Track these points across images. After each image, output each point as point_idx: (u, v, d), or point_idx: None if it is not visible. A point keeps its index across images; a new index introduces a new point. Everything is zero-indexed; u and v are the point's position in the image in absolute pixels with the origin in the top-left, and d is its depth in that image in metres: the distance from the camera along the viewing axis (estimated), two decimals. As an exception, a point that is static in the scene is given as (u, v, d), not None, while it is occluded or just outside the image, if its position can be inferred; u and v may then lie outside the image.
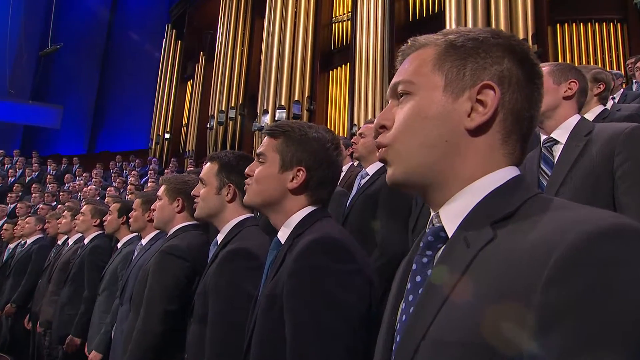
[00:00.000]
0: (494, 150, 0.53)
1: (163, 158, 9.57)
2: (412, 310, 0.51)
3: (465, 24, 5.37)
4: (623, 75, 4.36)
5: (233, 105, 8.31)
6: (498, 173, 0.52)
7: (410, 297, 0.53)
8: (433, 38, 0.57)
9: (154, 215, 1.72)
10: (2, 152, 9.84)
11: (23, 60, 12.28)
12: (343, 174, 2.81)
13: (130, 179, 7.10)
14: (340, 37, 7.36)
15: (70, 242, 3.16)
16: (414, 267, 0.55)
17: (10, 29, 11.75)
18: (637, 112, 2.20)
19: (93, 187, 6.53)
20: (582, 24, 5.37)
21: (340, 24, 7.39)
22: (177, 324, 1.38)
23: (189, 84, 10.03)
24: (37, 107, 12.34)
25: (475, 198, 0.52)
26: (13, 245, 4.17)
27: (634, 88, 4.11)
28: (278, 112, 7.30)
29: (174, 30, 10.32)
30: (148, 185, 5.93)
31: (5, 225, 4.40)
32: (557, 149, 1.36)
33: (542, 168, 1.37)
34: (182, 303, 1.41)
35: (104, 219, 2.59)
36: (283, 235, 0.96)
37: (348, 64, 6.92)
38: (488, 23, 5.32)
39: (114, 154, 10.05)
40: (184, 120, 9.85)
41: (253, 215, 1.35)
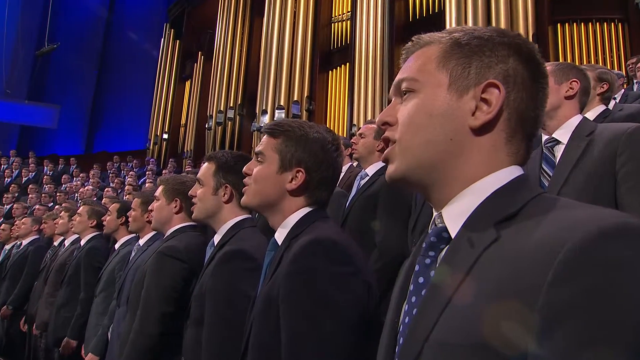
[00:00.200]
0: (498, 150, 0.53)
1: (161, 158, 9.55)
2: (415, 312, 0.50)
3: (466, 24, 5.36)
4: (624, 76, 4.35)
5: (232, 106, 8.30)
6: (502, 172, 0.52)
7: (413, 298, 0.53)
8: (438, 36, 0.57)
9: (152, 216, 1.70)
10: (-2, 152, 9.82)
11: (20, 60, 12.24)
12: (342, 175, 2.81)
13: (128, 180, 7.05)
14: (340, 36, 7.36)
15: (67, 243, 3.14)
16: (417, 268, 0.54)
17: (7, 28, 11.70)
18: (638, 111, 2.18)
19: (90, 187, 6.49)
20: (582, 24, 5.39)
21: (340, 24, 7.39)
22: (174, 326, 1.36)
23: (188, 84, 10.02)
24: (33, 107, 12.31)
25: (479, 198, 0.51)
26: (9, 247, 4.14)
27: (635, 88, 4.10)
28: (277, 112, 7.28)
29: (172, 30, 10.31)
30: (146, 186, 5.91)
31: (2, 226, 4.36)
32: (558, 149, 1.35)
33: (543, 168, 1.36)
34: (179, 305, 1.39)
35: (102, 220, 2.58)
36: (280, 236, 0.95)
37: (347, 64, 6.92)
38: (488, 23, 5.32)
39: (112, 155, 10.01)
40: (182, 121, 9.84)
41: (250, 216, 1.34)
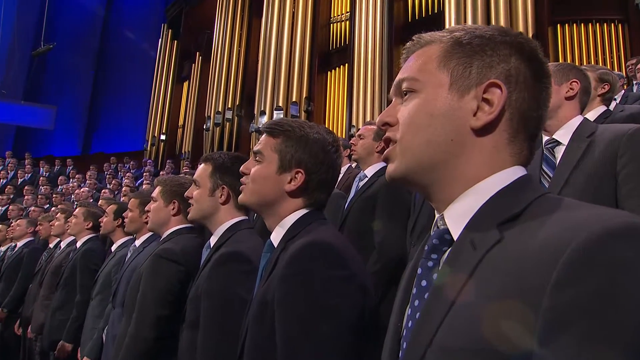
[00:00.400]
0: (500, 150, 0.52)
1: (159, 160, 9.50)
2: (417, 316, 0.50)
3: (465, 24, 5.31)
4: (624, 77, 4.34)
5: (230, 106, 8.27)
6: (504, 173, 0.52)
7: (416, 302, 0.52)
8: (438, 35, 0.56)
9: (149, 217, 1.69)
10: (-6, 153, 9.74)
11: (15, 60, 12.18)
12: (341, 176, 2.80)
13: (125, 181, 7.00)
14: (339, 37, 7.34)
15: (63, 245, 3.11)
16: (420, 271, 0.53)
17: (3, 28, 11.64)
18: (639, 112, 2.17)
19: (86, 189, 6.43)
20: (582, 25, 5.38)
21: (339, 24, 7.38)
22: (170, 330, 1.34)
23: (185, 85, 9.98)
24: (30, 107, 12.25)
25: (481, 199, 0.51)
26: (4, 249, 4.10)
27: (635, 89, 4.09)
28: (275, 113, 7.26)
29: (170, 30, 10.28)
30: (143, 188, 5.85)
31: (-1, 227, 4.31)
32: (559, 150, 1.34)
33: (543, 169, 1.35)
34: (175, 308, 1.37)
35: (98, 222, 2.55)
36: (276, 238, 0.94)
37: (346, 65, 6.90)
38: (488, 23, 5.30)
39: (109, 156, 9.97)
40: (180, 122, 9.81)
41: (247, 218, 1.32)
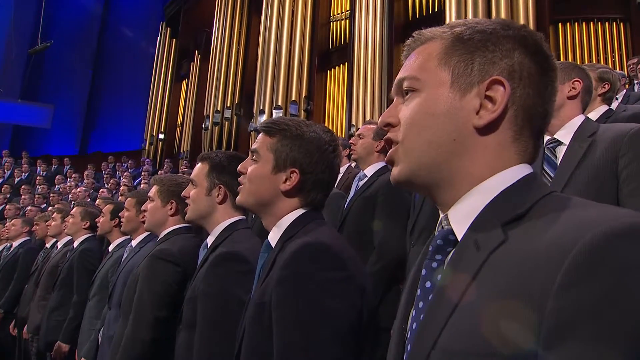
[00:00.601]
0: (505, 149, 0.51)
1: (157, 159, 9.45)
2: (422, 318, 0.49)
3: (467, 23, 5.28)
4: (625, 76, 4.31)
5: (229, 105, 8.24)
6: (509, 172, 0.51)
7: (421, 304, 0.52)
8: (439, 31, 0.55)
9: (145, 217, 1.67)
10: (-10, 152, 9.67)
11: (12, 58, 12.10)
12: (341, 176, 2.80)
13: (123, 181, 6.96)
14: (339, 36, 7.30)
15: (60, 245, 3.09)
16: (424, 272, 0.53)
17: (-1, 26, 11.52)
18: (642, 112, 2.15)
19: (83, 188, 6.39)
20: (584, 23, 5.35)
21: (339, 23, 7.34)
22: (167, 331, 1.32)
23: (184, 83, 9.93)
24: (27, 106, 12.19)
25: (485, 198, 0.50)
26: (0, 248, 4.05)
27: (636, 89, 4.06)
28: (275, 112, 7.22)
29: (169, 28, 10.23)
30: (141, 187, 5.82)
31: (-6, 227, 4.26)
32: (560, 150, 1.33)
33: (545, 169, 1.34)
34: (172, 309, 1.36)
35: (96, 221, 2.53)
36: (274, 238, 0.94)
37: (346, 64, 6.86)
38: (489, 22, 5.25)
39: (107, 155, 9.92)
40: (179, 121, 9.76)
41: (244, 218, 1.32)
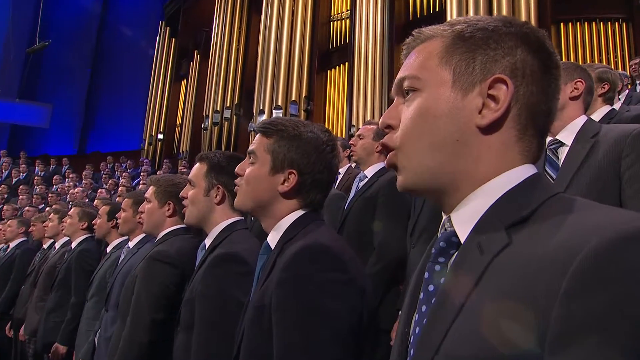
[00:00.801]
0: (509, 148, 0.50)
1: (156, 159, 9.45)
2: (425, 322, 0.48)
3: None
4: (628, 76, 4.28)
5: (228, 105, 8.23)
6: (514, 172, 0.50)
7: (423, 307, 0.51)
8: (439, 29, 0.54)
9: (143, 219, 1.67)
10: (-12, 152, 9.62)
11: (10, 57, 12.07)
12: (341, 176, 2.82)
13: (122, 181, 6.91)
14: (339, 35, 7.29)
15: (57, 245, 3.08)
16: (426, 275, 0.52)
17: (-2, 25, 11.48)
18: (645, 112, 2.14)
19: (81, 189, 6.35)
20: (586, 23, 5.34)
21: (339, 22, 7.33)
22: (165, 333, 1.32)
23: (183, 83, 9.93)
24: (25, 105, 12.18)
25: (489, 200, 0.49)
26: (-3, 250, 4.01)
27: (639, 89, 4.03)
28: (274, 112, 7.20)
29: (168, 28, 10.23)
30: (140, 187, 5.78)
31: (-9, 228, 4.21)
32: (562, 151, 1.33)
33: (546, 171, 1.34)
34: (170, 311, 1.35)
35: (93, 222, 2.52)
36: (273, 240, 0.93)
37: (347, 64, 6.84)
38: (491, 22, 5.23)
39: (105, 155, 9.90)
40: (178, 120, 9.75)
41: (243, 218, 1.31)
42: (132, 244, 2.03)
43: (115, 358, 1.37)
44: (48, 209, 4.54)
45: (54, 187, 7.71)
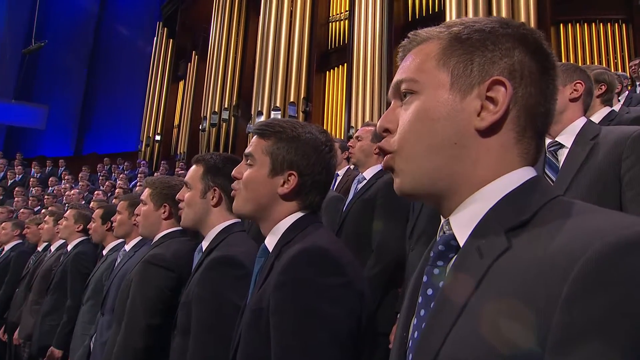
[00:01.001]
0: (508, 151, 0.50)
1: (153, 161, 9.45)
2: (424, 326, 0.48)
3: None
4: (628, 77, 4.27)
5: (226, 107, 8.23)
6: (512, 175, 0.49)
7: (422, 311, 0.51)
8: (436, 31, 0.54)
9: (138, 222, 1.66)
10: (-17, 154, 9.57)
11: (6, 58, 12.02)
12: (340, 178, 2.84)
13: (119, 183, 6.86)
14: (338, 36, 7.28)
15: (53, 248, 3.07)
16: (425, 279, 0.52)
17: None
18: (645, 114, 2.14)
19: (76, 191, 6.30)
20: (585, 24, 5.34)
21: (338, 23, 7.32)
22: (161, 338, 1.31)
23: (181, 84, 9.92)
24: (21, 106, 12.15)
25: (488, 203, 0.49)
26: (-9, 252, 3.97)
27: (638, 90, 4.03)
28: (273, 113, 7.19)
29: (166, 28, 10.23)
30: (137, 189, 5.73)
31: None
32: (562, 153, 1.32)
33: (546, 173, 1.33)
34: (166, 316, 1.34)
35: (88, 227, 2.51)
36: (271, 242, 0.93)
37: (345, 65, 6.84)
38: (490, 22, 5.22)
39: (102, 157, 9.88)
40: (176, 122, 9.74)
41: (240, 221, 1.30)
42: (128, 247, 2.03)
43: None
44: (44, 211, 4.50)
45: (50, 189, 7.67)
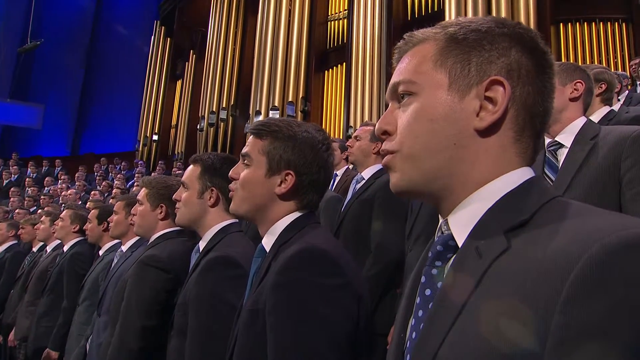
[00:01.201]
0: (506, 150, 0.50)
1: (150, 161, 9.43)
2: (422, 327, 0.48)
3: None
4: (628, 77, 4.26)
5: (224, 106, 8.22)
6: (511, 175, 0.50)
7: (420, 312, 0.50)
8: (432, 32, 0.54)
9: (135, 221, 1.64)
10: (-21, 153, 9.50)
11: (1, 57, 11.92)
12: (339, 178, 2.83)
13: (116, 183, 6.82)
14: (336, 35, 7.28)
15: (49, 249, 3.03)
16: (423, 279, 0.52)
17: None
18: (645, 113, 2.13)
19: (73, 191, 6.25)
20: (585, 24, 5.35)
21: (336, 22, 7.32)
22: (157, 339, 1.30)
23: (179, 84, 9.90)
24: (16, 105, 12.09)
25: (487, 203, 0.49)
26: (-14, 253, 3.92)
27: (638, 90, 4.01)
28: (271, 113, 7.18)
29: (163, 27, 10.20)
30: (134, 189, 5.69)
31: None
32: (561, 153, 1.32)
33: (546, 173, 1.33)
34: (162, 317, 1.33)
35: (84, 228, 2.47)
36: (268, 242, 0.93)
37: (344, 64, 6.84)
38: (490, 22, 5.22)
39: (99, 156, 9.84)
40: (173, 121, 9.73)
41: (237, 221, 1.30)
42: (125, 248, 2.00)
43: None
44: (40, 212, 4.46)
45: (46, 189, 7.61)
